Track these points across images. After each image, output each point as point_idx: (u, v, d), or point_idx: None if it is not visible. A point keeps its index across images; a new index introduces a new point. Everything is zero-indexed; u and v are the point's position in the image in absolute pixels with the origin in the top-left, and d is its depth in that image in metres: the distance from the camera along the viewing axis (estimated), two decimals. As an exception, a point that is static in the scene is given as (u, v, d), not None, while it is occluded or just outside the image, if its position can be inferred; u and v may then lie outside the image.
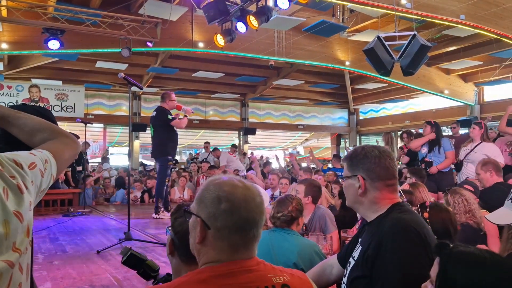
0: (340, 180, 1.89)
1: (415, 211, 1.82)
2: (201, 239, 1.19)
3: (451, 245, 1.20)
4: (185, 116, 6.34)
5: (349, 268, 1.75)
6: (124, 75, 4.56)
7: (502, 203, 1.82)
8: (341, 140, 21.09)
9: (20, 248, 1.06)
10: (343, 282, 1.77)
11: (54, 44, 8.49)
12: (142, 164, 14.18)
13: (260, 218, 1.21)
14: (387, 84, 15.58)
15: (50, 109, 14.72)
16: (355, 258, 1.72)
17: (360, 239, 1.83)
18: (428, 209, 2.34)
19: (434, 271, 1.18)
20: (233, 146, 12.22)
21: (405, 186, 3.72)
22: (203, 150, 13.27)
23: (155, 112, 6.36)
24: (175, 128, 6.25)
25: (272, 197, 5.23)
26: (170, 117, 6.11)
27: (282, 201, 2.72)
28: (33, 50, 10.52)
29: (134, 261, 1.39)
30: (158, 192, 6.41)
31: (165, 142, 6.17)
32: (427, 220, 2.29)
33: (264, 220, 1.23)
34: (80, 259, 4.01)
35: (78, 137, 8.52)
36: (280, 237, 2.65)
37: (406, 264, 1.51)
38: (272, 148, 22.06)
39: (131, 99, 16.05)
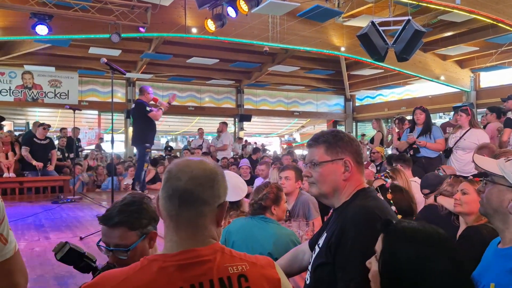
0: (309, 167, 1.77)
1: (380, 197, 1.78)
2: (160, 216, 1.19)
3: (394, 222, 1.22)
4: (160, 109, 7.04)
5: (314, 255, 1.71)
6: (106, 60, 4.49)
7: None
8: (337, 127, 21.02)
9: None
10: (308, 269, 1.74)
11: (42, 30, 8.35)
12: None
13: (197, 191, 1.12)
14: (383, 70, 15.44)
15: (43, 96, 14.64)
16: (320, 245, 1.69)
17: (327, 226, 1.79)
18: (390, 190, 2.31)
19: (378, 246, 1.18)
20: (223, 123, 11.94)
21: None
22: (197, 137, 13.19)
23: (134, 105, 7.17)
24: (152, 119, 6.94)
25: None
26: (148, 109, 6.83)
27: (257, 188, 2.69)
28: (23, 36, 10.37)
29: (74, 256, 1.30)
30: (137, 175, 7.20)
31: (144, 132, 6.92)
32: (391, 201, 2.26)
33: (213, 197, 1.15)
34: (62, 246, 3.97)
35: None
36: (258, 225, 2.61)
37: (369, 253, 1.46)
38: (268, 135, 21.99)
39: (125, 86, 16.13)
